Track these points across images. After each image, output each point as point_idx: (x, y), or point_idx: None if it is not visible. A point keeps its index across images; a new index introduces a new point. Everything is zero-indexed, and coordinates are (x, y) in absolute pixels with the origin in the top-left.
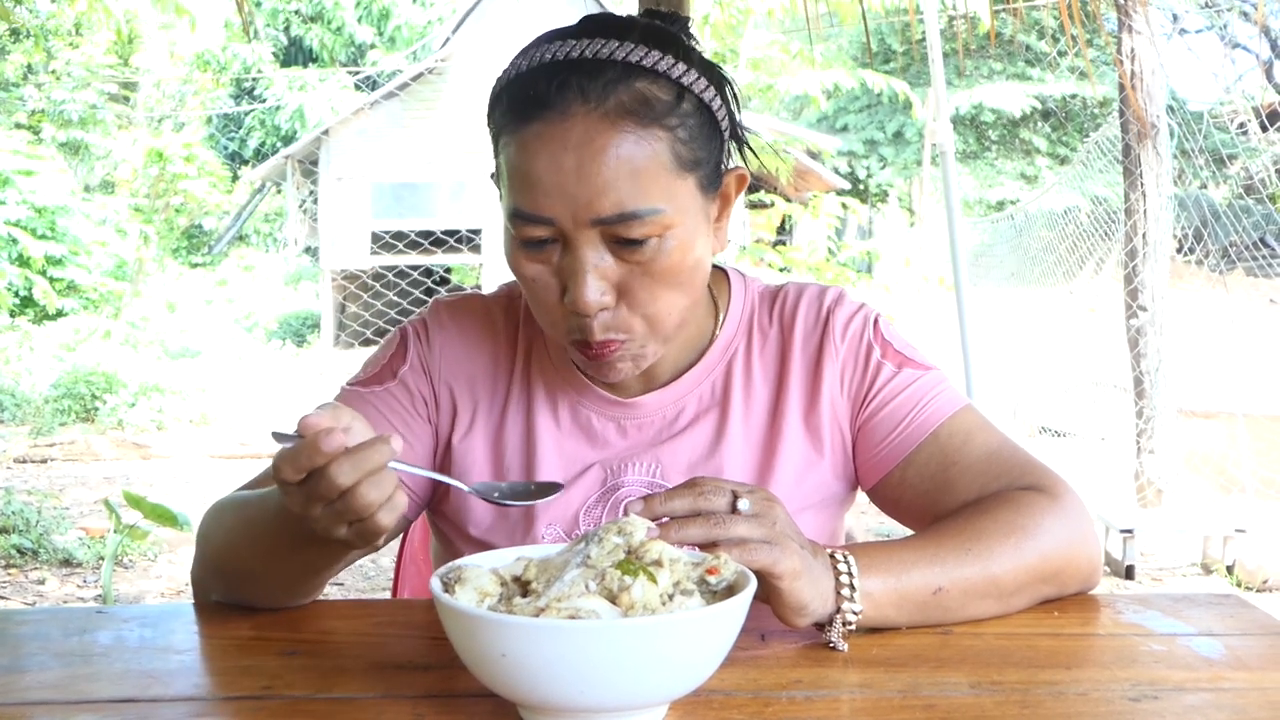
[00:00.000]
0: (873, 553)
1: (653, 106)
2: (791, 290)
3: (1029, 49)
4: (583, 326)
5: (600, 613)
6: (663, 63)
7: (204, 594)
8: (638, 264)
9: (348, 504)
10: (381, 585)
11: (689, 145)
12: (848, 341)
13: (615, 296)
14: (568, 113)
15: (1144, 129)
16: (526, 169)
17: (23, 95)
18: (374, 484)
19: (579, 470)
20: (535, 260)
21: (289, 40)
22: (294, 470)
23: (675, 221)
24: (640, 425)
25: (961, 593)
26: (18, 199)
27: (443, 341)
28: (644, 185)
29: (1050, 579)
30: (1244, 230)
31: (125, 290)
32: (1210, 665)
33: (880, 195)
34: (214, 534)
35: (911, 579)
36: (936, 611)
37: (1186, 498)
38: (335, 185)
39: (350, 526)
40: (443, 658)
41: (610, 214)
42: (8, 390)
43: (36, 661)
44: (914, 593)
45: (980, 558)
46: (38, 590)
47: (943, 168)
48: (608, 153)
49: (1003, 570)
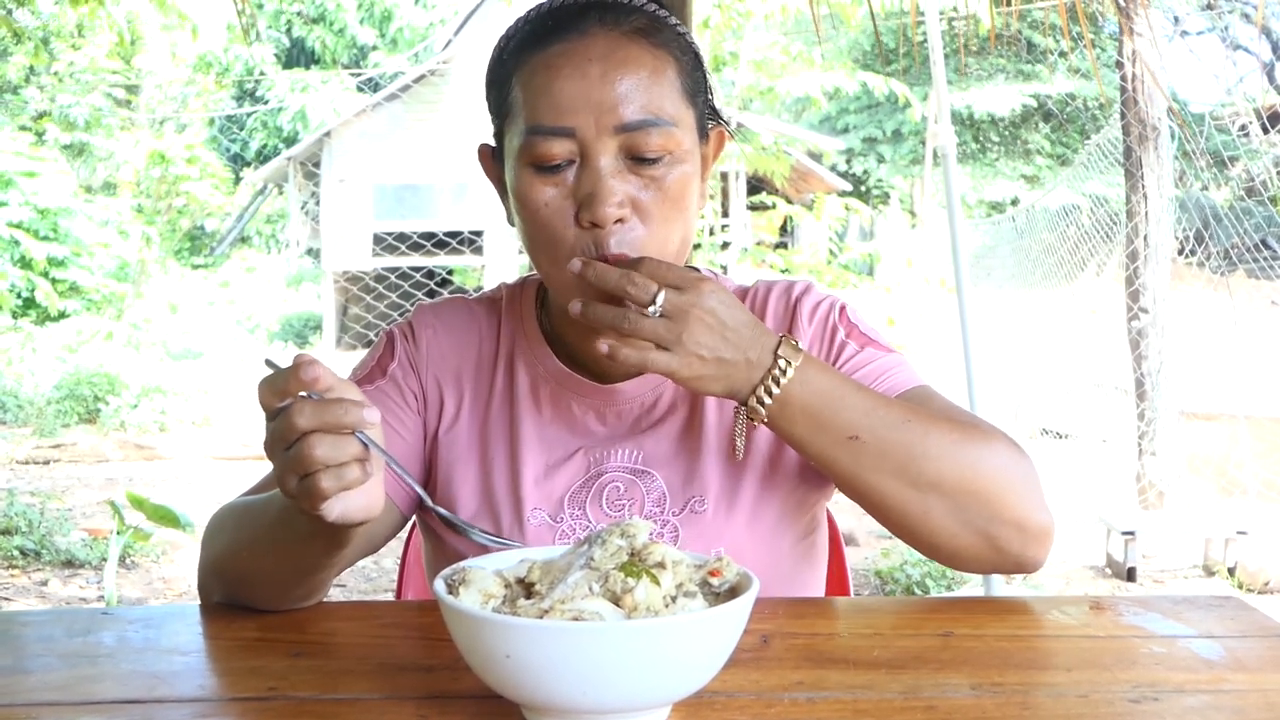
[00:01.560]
0: (820, 373)
1: (662, 31)
2: (762, 286)
3: (1031, 48)
4: (598, 240)
5: (604, 614)
6: (662, 11)
7: (207, 597)
8: (651, 179)
9: (299, 452)
10: (384, 587)
11: (691, 76)
12: (814, 325)
13: (630, 212)
14: (588, 32)
15: (1144, 131)
16: (548, 85)
17: (25, 97)
18: (329, 441)
19: (562, 456)
20: (549, 184)
21: (291, 42)
22: (271, 393)
23: (684, 144)
24: (619, 413)
25: (877, 454)
26: (20, 200)
27: (428, 339)
28: (660, 97)
29: (977, 495)
30: (1245, 232)
31: (127, 292)
32: (1210, 667)
33: (882, 197)
34: (216, 536)
35: (837, 415)
36: (845, 457)
37: (1188, 500)
38: (337, 187)
39: (299, 482)
40: (447, 659)
41: (633, 119)
42: (10, 392)
43: (41, 663)
44: (832, 428)
45: (914, 432)
46: (41, 591)
47: (944, 170)
48: (630, 64)
49: (929, 455)
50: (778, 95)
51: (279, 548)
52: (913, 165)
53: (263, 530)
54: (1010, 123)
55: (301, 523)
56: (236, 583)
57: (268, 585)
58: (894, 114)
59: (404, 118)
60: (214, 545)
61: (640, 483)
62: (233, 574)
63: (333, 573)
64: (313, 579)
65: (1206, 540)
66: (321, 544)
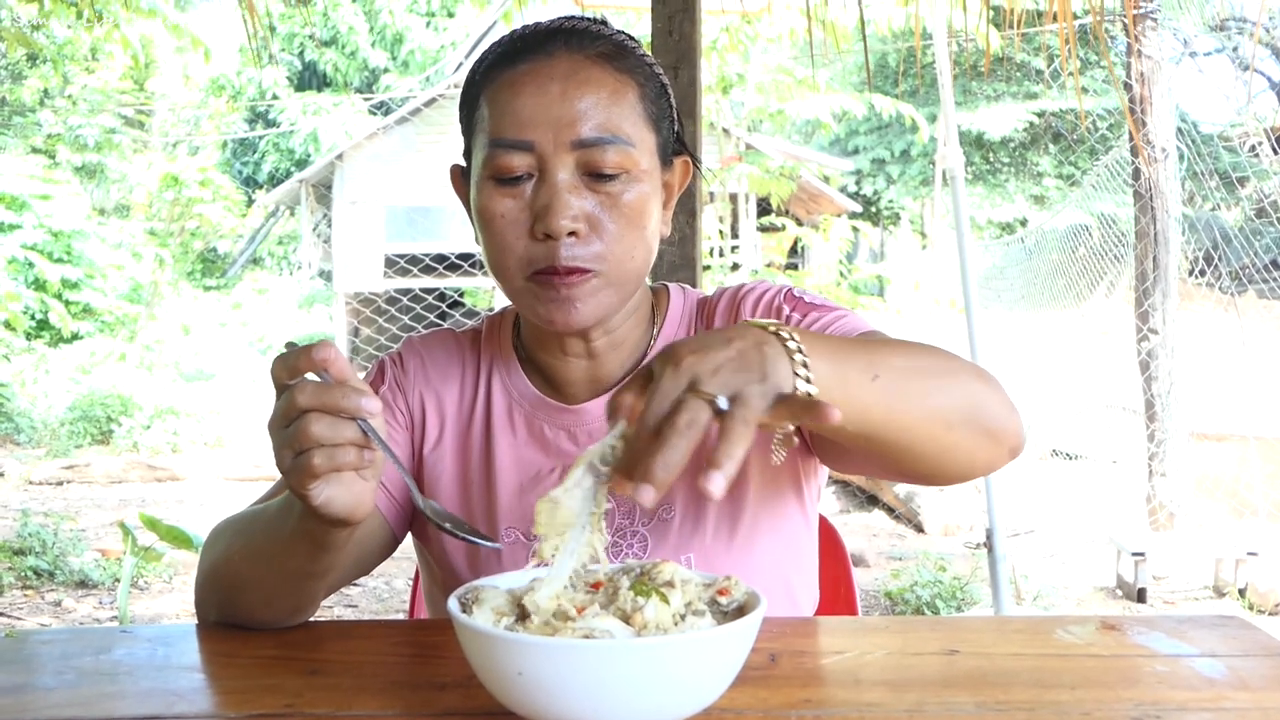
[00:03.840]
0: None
1: (626, 58)
2: (718, 291)
3: (1036, 72)
4: (550, 252)
5: (614, 632)
6: (630, 42)
7: (204, 614)
8: (606, 196)
9: (297, 429)
10: (395, 608)
11: (654, 103)
12: (759, 311)
13: (585, 227)
14: (554, 54)
15: (1153, 152)
16: (511, 101)
17: (39, 120)
18: (327, 421)
19: (535, 476)
20: (508, 195)
21: (303, 65)
22: (283, 368)
23: (641, 164)
24: (590, 432)
25: (899, 388)
26: (34, 223)
27: (415, 366)
28: (619, 117)
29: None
30: (1256, 253)
31: (140, 313)
32: (1213, 685)
33: (892, 218)
34: (212, 546)
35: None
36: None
37: (1198, 521)
38: (349, 209)
39: (294, 459)
40: (460, 676)
41: (590, 135)
42: (24, 413)
43: (62, 680)
44: (854, 376)
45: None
46: (54, 612)
47: (953, 191)
48: (590, 84)
49: (932, 374)
50: (787, 117)
51: (269, 551)
52: (923, 186)
53: (257, 534)
54: (1020, 144)
55: (290, 520)
56: (228, 590)
57: (256, 592)
58: (903, 135)
59: (415, 140)
60: (209, 555)
61: (612, 496)
62: (225, 582)
63: (321, 585)
64: (301, 589)
65: (1217, 561)
66: (307, 545)
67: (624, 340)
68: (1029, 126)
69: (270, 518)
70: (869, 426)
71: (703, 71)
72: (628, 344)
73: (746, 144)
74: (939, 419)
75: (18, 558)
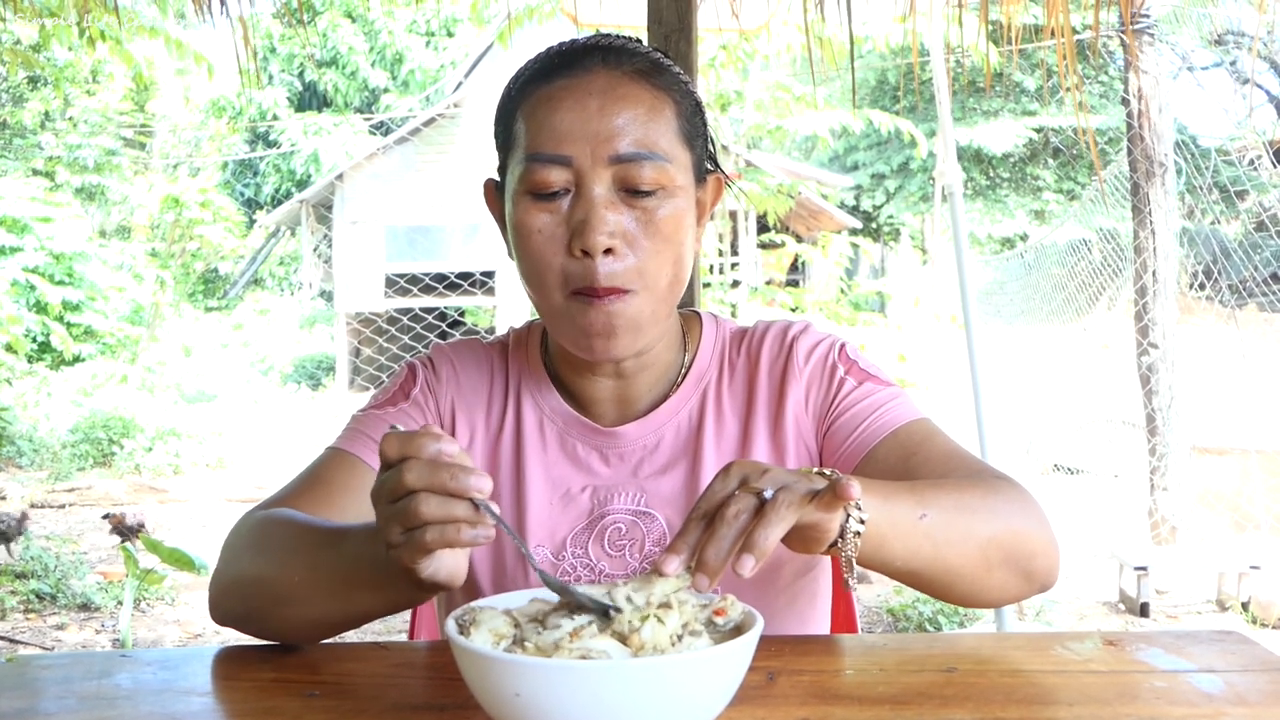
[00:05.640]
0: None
1: (663, 75)
2: (760, 326)
3: (1035, 89)
4: (588, 270)
5: (611, 653)
6: (665, 59)
7: (219, 610)
8: (642, 212)
9: (407, 507)
10: (396, 628)
11: (689, 121)
12: (811, 364)
13: (621, 243)
14: (591, 70)
15: (1151, 167)
16: (549, 116)
17: (40, 142)
18: (438, 500)
19: (566, 495)
20: (544, 211)
21: (303, 85)
22: (393, 447)
23: (676, 182)
24: (622, 455)
25: (945, 526)
26: (35, 245)
27: (446, 372)
28: (656, 133)
29: (1018, 537)
30: (1256, 266)
31: (142, 335)
32: (1211, 700)
33: (893, 233)
34: (247, 551)
35: (900, 500)
36: (924, 541)
37: (1200, 535)
38: (349, 229)
39: (404, 534)
40: (459, 698)
41: (627, 151)
42: (26, 435)
43: (62, 705)
44: (903, 516)
45: (955, 496)
46: (56, 636)
47: (951, 207)
48: (628, 100)
49: (977, 511)
50: (786, 133)
51: (332, 586)
52: (922, 201)
53: (322, 566)
54: (1019, 159)
55: (381, 571)
56: (266, 603)
57: (304, 615)
58: (902, 150)
59: (415, 160)
60: (242, 559)
61: (641, 524)
62: (268, 594)
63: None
64: (357, 622)
65: (1219, 575)
66: (391, 596)
67: (654, 362)
68: (1028, 142)
69: (352, 553)
70: (915, 564)
71: (700, 90)
72: (657, 366)
73: (746, 161)
74: (981, 560)
75: (20, 581)
